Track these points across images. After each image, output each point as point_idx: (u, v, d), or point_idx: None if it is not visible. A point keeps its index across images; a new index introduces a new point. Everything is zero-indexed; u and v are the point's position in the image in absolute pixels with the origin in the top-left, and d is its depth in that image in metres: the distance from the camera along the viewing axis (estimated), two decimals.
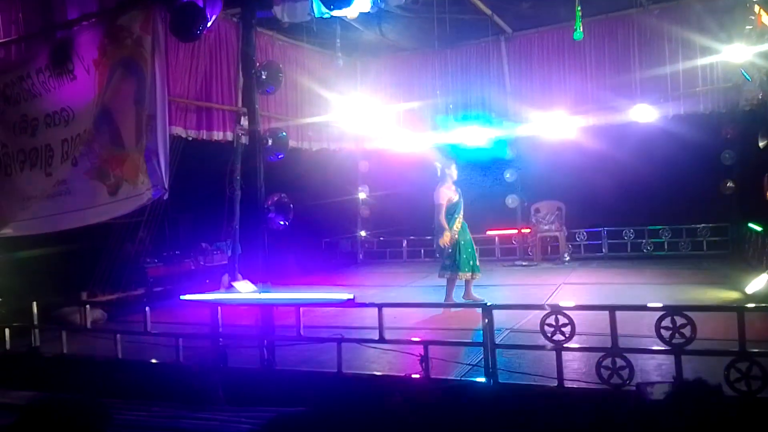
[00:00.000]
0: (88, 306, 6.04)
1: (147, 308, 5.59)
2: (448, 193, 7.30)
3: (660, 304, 4.26)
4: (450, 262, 7.27)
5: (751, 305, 4.84)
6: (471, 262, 7.31)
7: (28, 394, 4.65)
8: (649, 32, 9.84)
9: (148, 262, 8.80)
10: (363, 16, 7.11)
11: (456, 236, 7.21)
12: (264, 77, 5.44)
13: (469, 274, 7.28)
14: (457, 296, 7.38)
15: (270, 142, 5.38)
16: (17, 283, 6.88)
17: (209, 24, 5.47)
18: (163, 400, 4.45)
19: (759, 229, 8.52)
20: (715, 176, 10.09)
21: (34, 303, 6.04)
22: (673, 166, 9.82)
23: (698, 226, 10.49)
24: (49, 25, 6.55)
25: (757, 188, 8.05)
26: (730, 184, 10.03)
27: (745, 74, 8.07)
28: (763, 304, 5.63)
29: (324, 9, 5.67)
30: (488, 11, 9.61)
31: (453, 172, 7.43)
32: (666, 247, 10.67)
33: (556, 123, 10.47)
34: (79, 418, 2.16)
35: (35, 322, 6.00)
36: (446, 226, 7.18)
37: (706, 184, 10.07)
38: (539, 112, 10.79)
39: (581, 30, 7.15)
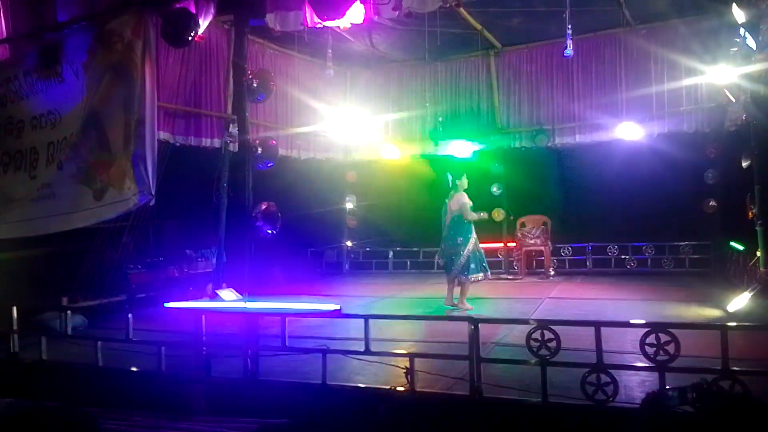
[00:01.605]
0: (68, 312, 5.94)
1: (129, 315, 5.50)
2: (467, 198, 7.69)
3: (644, 321, 4.29)
4: (475, 266, 7.61)
5: (733, 323, 4.90)
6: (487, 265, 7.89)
7: (7, 401, 4.56)
8: (636, 52, 10.01)
9: (132, 268, 8.70)
10: (354, 27, 7.14)
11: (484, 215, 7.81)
12: (255, 85, 5.44)
13: (489, 274, 7.89)
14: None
15: (259, 150, 5.37)
16: None
17: (201, 30, 5.47)
18: (145, 410, 4.38)
19: (741, 248, 8.63)
20: (698, 195, 10.22)
21: (14, 307, 5.94)
22: (658, 184, 9.95)
23: (681, 243, 10.61)
24: (38, 27, 6.50)
25: (740, 208, 8.19)
26: (712, 203, 10.16)
27: (730, 95, 8.22)
28: (746, 323, 5.70)
29: (317, 19, 5.68)
30: (478, 26, 9.70)
31: (464, 182, 7.76)
32: (649, 263, 10.77)
33: (544, 138, 10.57)
34: (62, 427, 2.11)
35: (14, 327, 5.89)
36: (478, 216, 7.66)
37: (690, 202, 10.20)
38: (526, 127, 10.91)
39: (571, 47, 7.24)
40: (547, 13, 8.63)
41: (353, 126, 11.65)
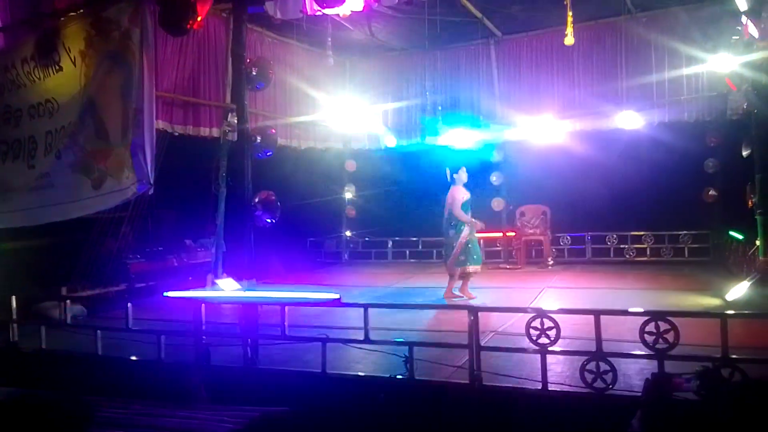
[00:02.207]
0: (68, 301, 5.95)
1: (129, 304, 5.51)
2: (462, 192, 7.71)
3: (643, 309, 4.29)
4: (465, 257, 7.63)
5: (733, 312, 4.90)
6: (480, 257, 7.89)
7: (6, 390, 4.57)
8: (637, 40, 9.95)
9: (131, 257, 8.70)
10: (353, 15, 7.10)
11: (479, 225, 7.81)
12: (254, 74, 5.40)
13: (479, 267, 7.80)
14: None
15: (258, 139, 5.34)
16: None
17: (199, 19, 5.42)
18: (144, 398, 4.39)
19: (740, 237, 8.63)
20: (698, 184, 10.21)
21: (13, 297, 5.94)
22: (657, 173, 9.93)
23: (680, 232, 10.61)
24: (35, 15, 6.45)
25: (740, 197, 8.17)
26: (712, 192, 10.15)
27: (730, 84, 8.19)
28: (745, 311, 5.71)
29: (316, 6, 5.64)
30: (479, 14, 9.64)
31: (462, 175, 7.79)
32: (648, 253, 10.78)
33: (543, 127, 10.54)
34: (61, 416, 2.11)
35: (14, 317, 5.90)
36: (468, 218, 7.66)
37: (689, 191, 10.18)
38: (527, 116, 10.87)
39: (572, 35, 7.20)
40: (547, 1, 8.58)
41: (352, 115, 11.59)
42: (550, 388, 4.10)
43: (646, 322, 3.98)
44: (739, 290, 6.98)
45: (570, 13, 7.05)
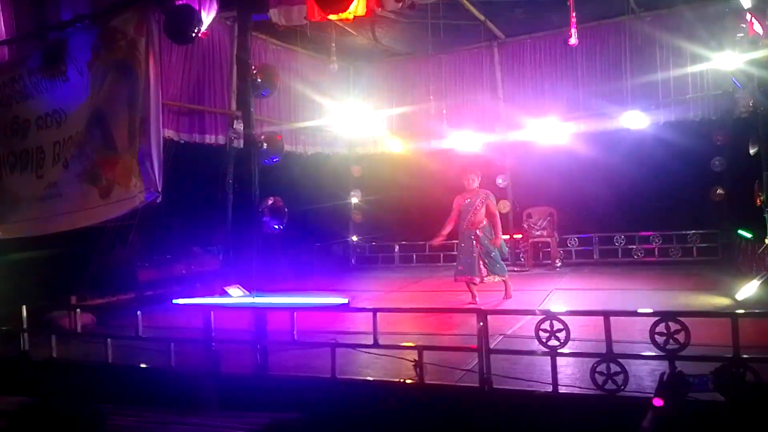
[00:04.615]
0: (78, 310, 5.96)
1: (138, 312, 5.52)
2: (460, 198, 7.73)
3: (653, 310, 4.27)
4: (459, 265, 7.68)
5: (743, 311, 4.87)
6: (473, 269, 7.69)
7: (17, 399, 4.58)
8: (641, 39, 9.94)
9: (139, 265, 8.72)
10: (357, 21, 7.12)
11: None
12: (259, 81, 5.42)
13: (471, 277, 7.65)
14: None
15: (265, 145, 5.36)
16: (6, 286, 6.79)
17: (204, 27, 5.45)
18: (155, 406, 4.40)
19: (749, 235, 8.58)
20: (705, 183, 10.17)
21: (24, 307, 5.97)
22: (664, 173, 9.90)
23: (688, 232, 10.56)
24: (42, 26, 6.50)
25: (748, 195, 8.13)
26: (719, 190, 10.10)
27: (736, 82, 8.16)
28: (756, 310, 5.67)
29: (320, 12, 5.66)
30: (481, 17, 9.65)
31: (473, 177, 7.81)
32: (656, 253, 10.73)
33: (548, 129, 10.53)
34: (72, 424, 2.12)
35: (24, 326, 5.92)
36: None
37: (697, 190, 10.15)
38: (531, 118, 10.86)
39: (575, 36, 7.20)
40: (550, 2, 8.59)
41: (357, 120, 11.63)
42: (560, 391, 4.08)
43: (657, 322, 3.95)
44: (749, 289, 6.94)
45: (573, 14, 7.04)
